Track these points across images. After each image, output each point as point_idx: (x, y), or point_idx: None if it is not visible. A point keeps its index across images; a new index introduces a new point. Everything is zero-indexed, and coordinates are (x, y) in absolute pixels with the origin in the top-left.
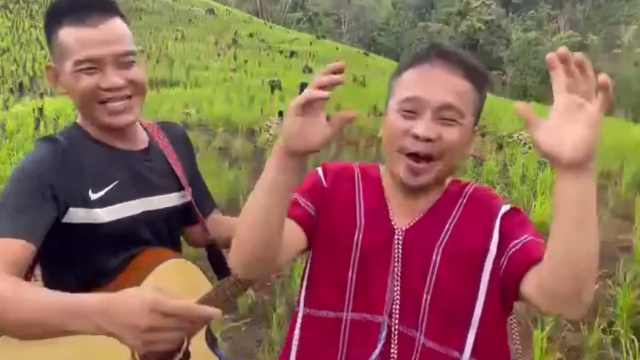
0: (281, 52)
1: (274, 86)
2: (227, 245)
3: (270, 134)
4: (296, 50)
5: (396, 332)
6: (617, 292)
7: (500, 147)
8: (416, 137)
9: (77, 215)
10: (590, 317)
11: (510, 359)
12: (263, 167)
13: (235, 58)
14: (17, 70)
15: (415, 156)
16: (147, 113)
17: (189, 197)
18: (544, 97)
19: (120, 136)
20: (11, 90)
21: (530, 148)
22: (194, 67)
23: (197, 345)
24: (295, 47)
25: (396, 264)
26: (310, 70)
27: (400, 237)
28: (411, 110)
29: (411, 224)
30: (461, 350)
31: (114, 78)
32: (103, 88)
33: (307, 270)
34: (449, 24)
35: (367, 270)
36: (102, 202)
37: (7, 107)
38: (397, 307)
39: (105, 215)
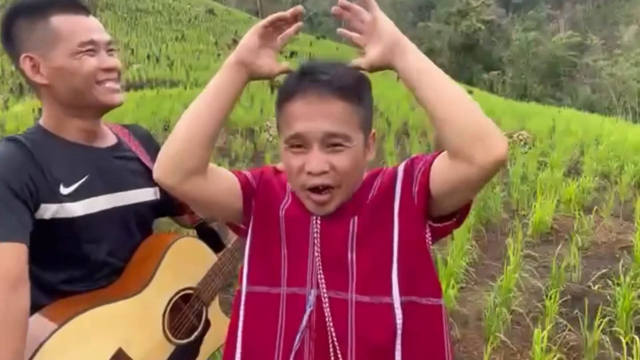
0: (281, 52)
1: (274, 86)
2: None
3: (270, 134)
4: (296, 50)
5: (326, 299)
6: (617, 292)
7: None
8: (310, 173)
9: (49, 210)
10: (590, 317)
11: (438, 283)
12: None
13: None
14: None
15: (316, 189)
16: (147, 113)
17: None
18: (544, 97)
19: (89, 135)
20: (11, 90)
21: (530, 148)
22: (194, 67)
23: (214, 311)
24: (295, 47)
25: (315, 239)
26: None
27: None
28: (299, 145)
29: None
30: (390, 293)
31: (111, 60)
32: (104, 68)
33: (246, 250)
34: (449, 24)
35: (295, 246)
36: (74, 197)
37: (7, 107)
38: (322, 276)
39: (78, 208)
